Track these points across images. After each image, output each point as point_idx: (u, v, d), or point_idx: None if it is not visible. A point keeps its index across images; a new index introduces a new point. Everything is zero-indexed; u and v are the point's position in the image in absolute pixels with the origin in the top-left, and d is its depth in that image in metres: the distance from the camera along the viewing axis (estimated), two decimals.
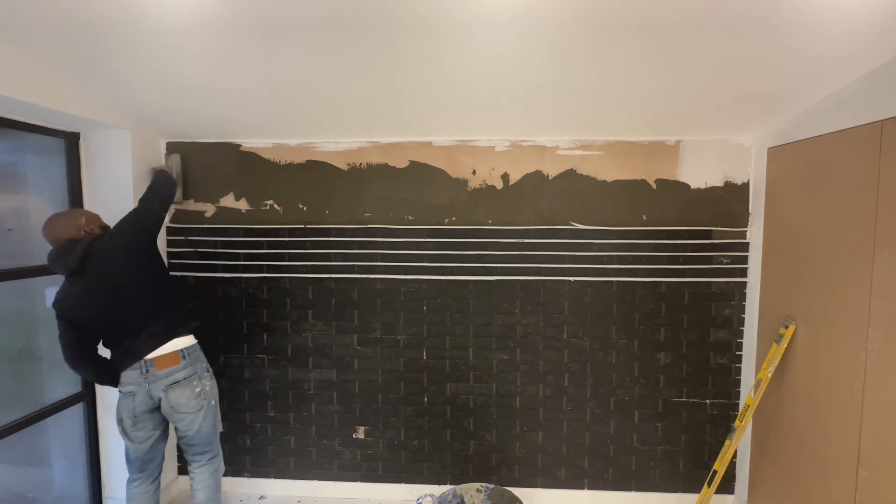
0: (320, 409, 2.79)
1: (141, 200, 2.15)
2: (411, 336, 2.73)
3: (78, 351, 2.01)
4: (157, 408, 2.08)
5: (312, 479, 2.83)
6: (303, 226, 2.71)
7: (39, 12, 1.56)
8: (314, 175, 2.68)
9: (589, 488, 2.74)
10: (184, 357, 2.07)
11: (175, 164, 2.64)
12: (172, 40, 1.71)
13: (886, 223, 1.67)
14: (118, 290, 1.98)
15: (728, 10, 1.48)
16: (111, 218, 2.20)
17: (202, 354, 2.18)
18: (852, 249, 1.82)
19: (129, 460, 2.15)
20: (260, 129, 2.56)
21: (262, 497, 2.82)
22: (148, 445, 2.12)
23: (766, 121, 2.31)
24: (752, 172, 2.54)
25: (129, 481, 2.17)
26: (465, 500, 2.32)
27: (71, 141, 2.41)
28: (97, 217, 2.10)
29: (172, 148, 2.71)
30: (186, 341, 2.11)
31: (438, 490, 2.70)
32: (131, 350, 2.02)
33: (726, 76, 1.88)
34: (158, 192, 2.20)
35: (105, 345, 2.10)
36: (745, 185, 2.55)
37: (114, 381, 2.08)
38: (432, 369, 2.74)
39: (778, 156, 2.33)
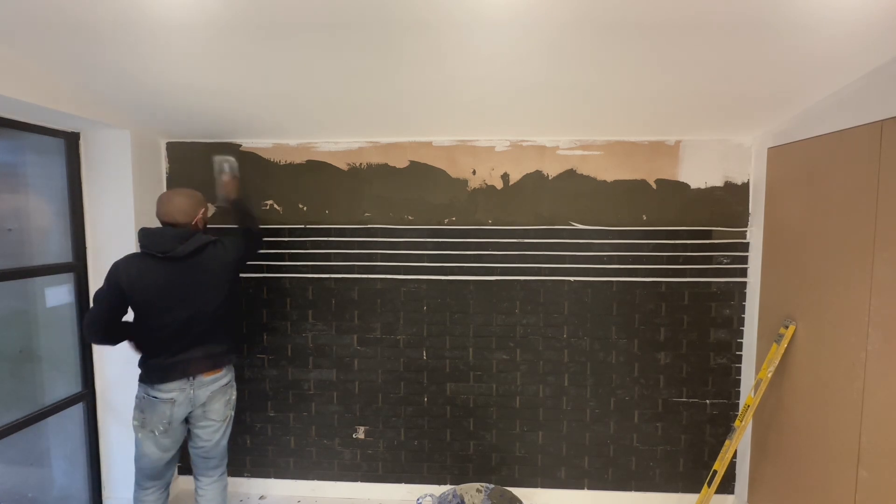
0: (320, 409, 2.79)
1: (256, 237, 2.26)
2: (411, 336, 2.73)
3: (107, 321, 1.92)
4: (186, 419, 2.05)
5: (312, 479, 2.83)
6: (303, 226, 2.71)
7: (40, 12, 1.56)
8: (314, 175, 2.68)
9: (589, 488, 2.74)
10: (225, 365, 2.10)
11: (232, 165, 2.60)
12: (172, 40, 1.71)
13: (886, 223, 1.67)
14: (197, 301, 1.97)
15: (728, 11, 1.48)
16: (111, 218, 2.21)
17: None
18: (852, 249, 1.82)
19: (142, 468, 2.04)
20: (260, 129, 2.56)
21: (262, 497, 2.82)
22: (172, 454, 2.07)
23: (767, 121, 2.31)
24: (752, 172, 2.54)
25: (142, 489, 2.07)
26: (465, 500, 2.32)
27: (71, 141, 2.41)
28: (206, 213, 2.14)
29: (173, 150, 2.71)
30: None
31: (438, 490, 2.70)
32: (179, 365, 1.96)
33: (726, 76, 1.88)
34: (258, 234, 2.30)
35: (145, 337, 1.99)
36: (745, 185, 2.55)
37: (119, 341, 2.01)
38: (432, 369, 2.74)
39: (778, 156, 2.33)
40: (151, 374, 1.97)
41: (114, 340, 2.00)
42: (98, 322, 1.92)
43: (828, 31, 1.55)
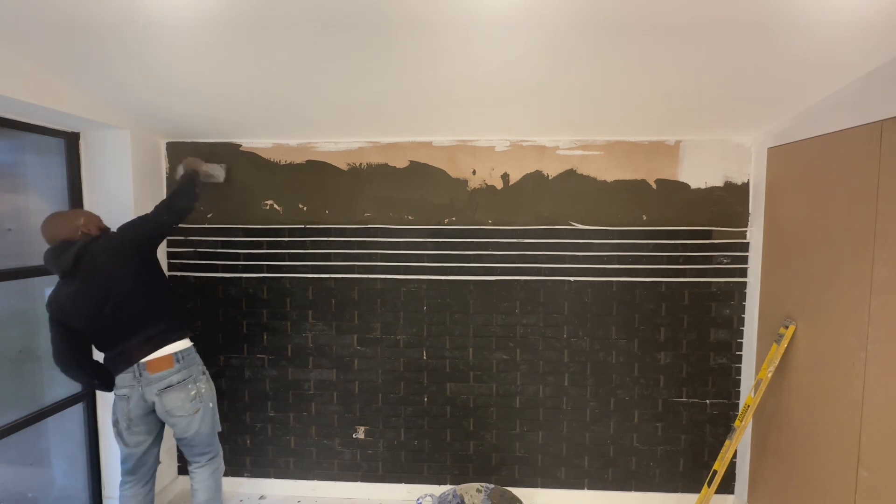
0: (320, 409, 2.79)
1: (156, 207, 2.17)
2: (411, 336, 2.73)
3: (69, 354, 1.99)
4: (152, 411, 2.06)
5: (312, 479, 2.83)
6: (303, 226, 2.71)
7: (40, 12, 1.56)
8: (314, 175, 2.68)
9: (589, 488, 2.74)
10: (178, 360, 2.06)
11: (219, 173, 2.61)
12: (172, 41, 1.71)
13: (886, 223, 1.67)
14: (109, 292, 1.95)
15: (728, 12, 1.48)
16: (110, 218, 2.20)
17: (197, 357, 2.17)
18: (852, 249, 1.82)
19: (121, 461, 2.14)
20: (260, 129, 2.56)
21: (262, 497, 2.82)
22: (142, 449, 2.11)
23: (767, 121, 2.31)
24: (752, 172, 2.54)
25: (121, 483, 2.16)
26: (465, 500, 2.32)
27: (71, 141, 2.41)
28: (97, 218, 2.09)
29: (173, 150, 2.71)
30: (181, 345, 2.09)
31: (438, 490, 2.70)
32: (124, 354, 2.01)
33: (726, 76, 1.88)
34: (177, 202, 2.21)
35: (98, 348, 2.08)
36: (745, 185, 2.55)
37: (106, 386, 2.06)
38: (432, 369, 2.74)
39: (778, 156, 2.33)
40: (111, 369, 2.05)
41: (86, 374, 2.04)
42: (56, 358, 1.98)
43: (827, 31, 1.55)
